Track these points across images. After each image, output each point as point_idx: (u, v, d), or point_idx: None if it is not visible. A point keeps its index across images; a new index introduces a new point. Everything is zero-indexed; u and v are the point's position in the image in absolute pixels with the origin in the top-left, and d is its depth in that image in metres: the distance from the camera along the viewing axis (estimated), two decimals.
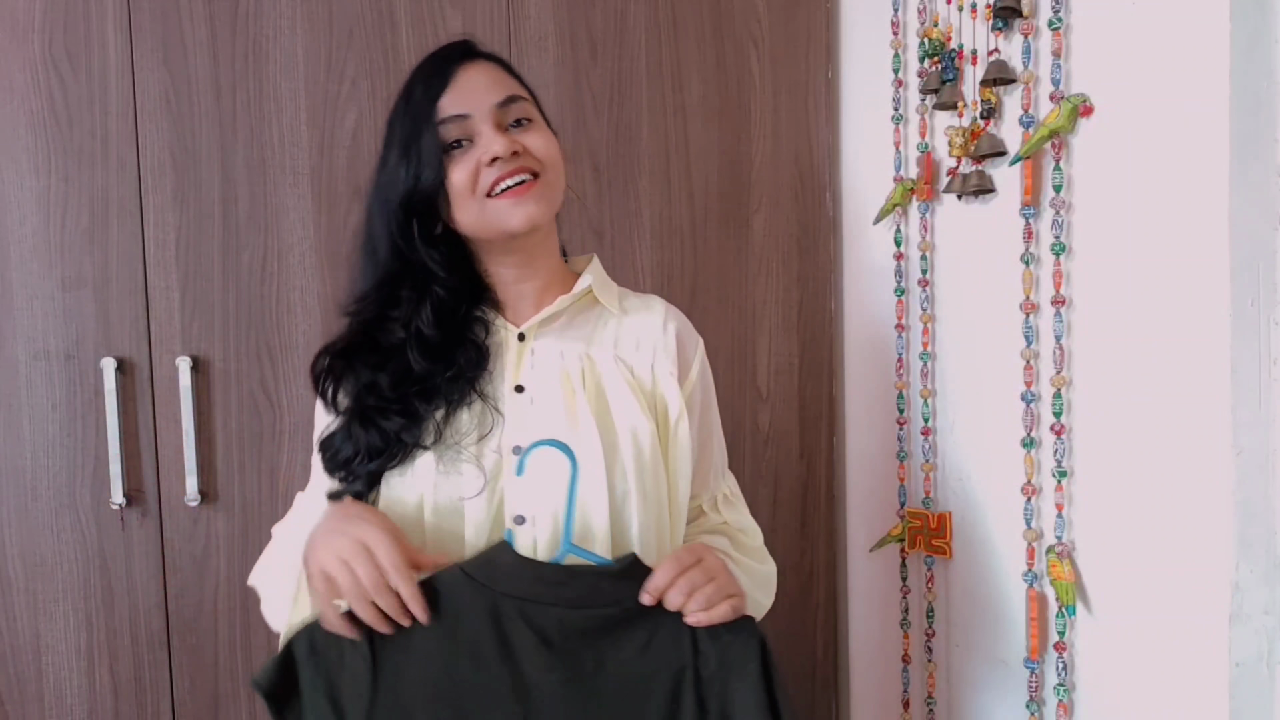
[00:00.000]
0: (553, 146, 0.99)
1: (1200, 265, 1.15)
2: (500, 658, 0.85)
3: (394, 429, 0.94)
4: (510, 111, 0.97)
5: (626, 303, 1.08)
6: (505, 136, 0.95)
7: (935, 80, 1.45)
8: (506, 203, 0.95)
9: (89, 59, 1.36)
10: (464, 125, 0.95)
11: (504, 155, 0.94)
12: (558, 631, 0.85)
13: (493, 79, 0.98)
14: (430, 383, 0.95)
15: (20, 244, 1.35)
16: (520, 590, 0.86)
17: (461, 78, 0.97)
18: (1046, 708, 1.36)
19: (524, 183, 0.95)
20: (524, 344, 1.01)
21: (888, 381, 1.62)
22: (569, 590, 0.86)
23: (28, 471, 1.36)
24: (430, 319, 0.97)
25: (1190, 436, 1.17)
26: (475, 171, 0.95)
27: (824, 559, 1.71)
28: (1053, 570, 1.32)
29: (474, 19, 1.49)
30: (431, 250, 0.98)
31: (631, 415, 0.98)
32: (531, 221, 0.96)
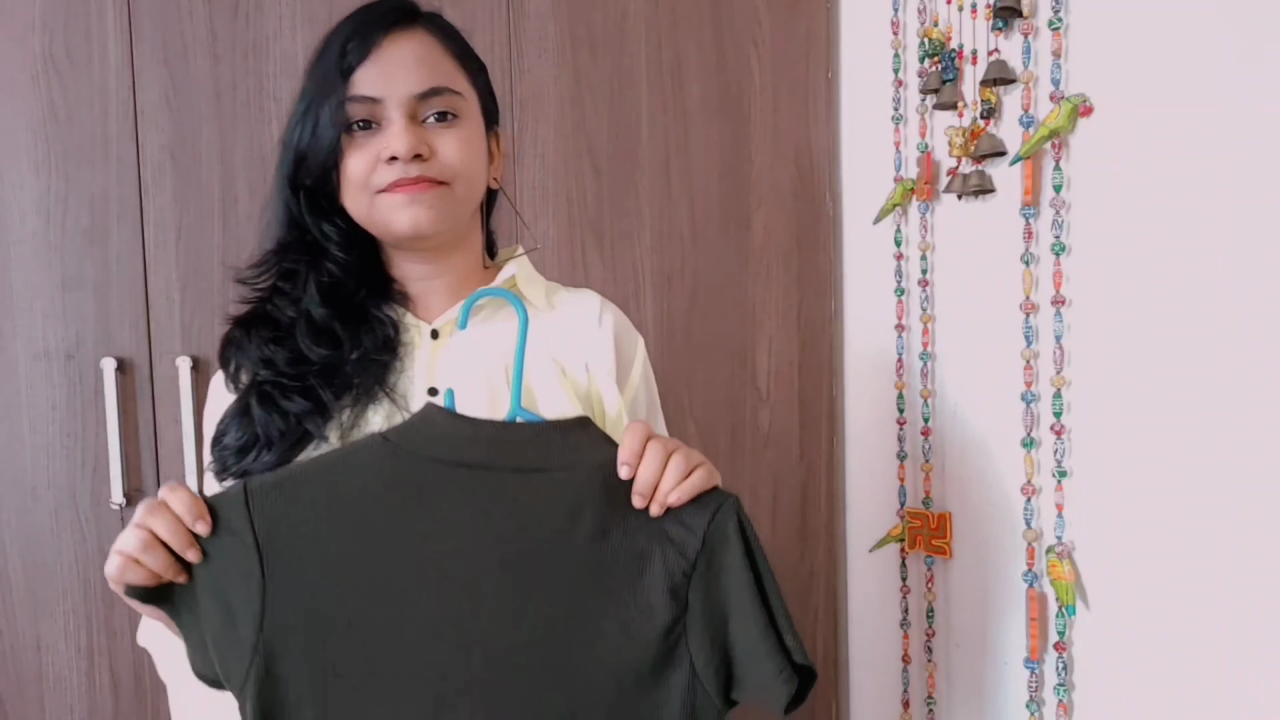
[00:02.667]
0: (471, 153, 0.88)
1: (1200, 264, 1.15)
2: (426, 535, 0.73)
3: (297, 411, 0.82)
4: (431, 104, 0.85)
5: (556, 297, 0.97)
6: (412, 134, 0.83)
7: (935, 80, 1.45)
8: (396, 199, 0.85)
9: (89, 59, 1.36)
10: (372, 108, 0.84)
11: (403, 157, 0.83)
12: (501, 501, 0.73)
13: (422, 59, 0.86)
14: (331, 364, 0.84)
15: (20, 244, 1.35)
16: (454, 454, 0.74)
17: (386, 50, 0.84)
18: (1046, 708, 1.36)
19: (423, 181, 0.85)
20: (437, 342, 0.90)
21: (888, 381, 1.62)
22: (514, 450, 0.74)
23: (28, 471, 1.36)
24: (316, 297, 0.86)
25: (1190, 436, 1.17)
26: (372, 164, 0.84)
27: (824, 559, 1.71)
28: (1053, 570, 1.32)
29: (474, 19, 1.49)
30: (324, 223, 0.88)
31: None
32: (418, 228, 0.85)
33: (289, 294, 0.88)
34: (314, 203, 0.88)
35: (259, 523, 0.72)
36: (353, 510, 0.73)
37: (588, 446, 0.76)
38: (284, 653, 0.71)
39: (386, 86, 0.84)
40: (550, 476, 0.74)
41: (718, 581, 0.74)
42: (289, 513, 0.72)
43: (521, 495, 0.74)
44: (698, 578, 0.74)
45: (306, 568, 0.72)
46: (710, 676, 0.73)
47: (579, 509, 0.74)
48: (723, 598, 0.74)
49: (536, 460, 0.74)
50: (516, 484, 0.74)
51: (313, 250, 0.89)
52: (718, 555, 0.74)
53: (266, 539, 0.71)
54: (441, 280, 0.93)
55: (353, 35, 0.85)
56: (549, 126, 1.53)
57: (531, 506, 0.74)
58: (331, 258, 0.88)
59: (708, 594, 0.74)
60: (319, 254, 0.89)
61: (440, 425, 0.75)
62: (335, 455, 0.76)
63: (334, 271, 0.88)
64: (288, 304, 0.87)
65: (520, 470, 0.74)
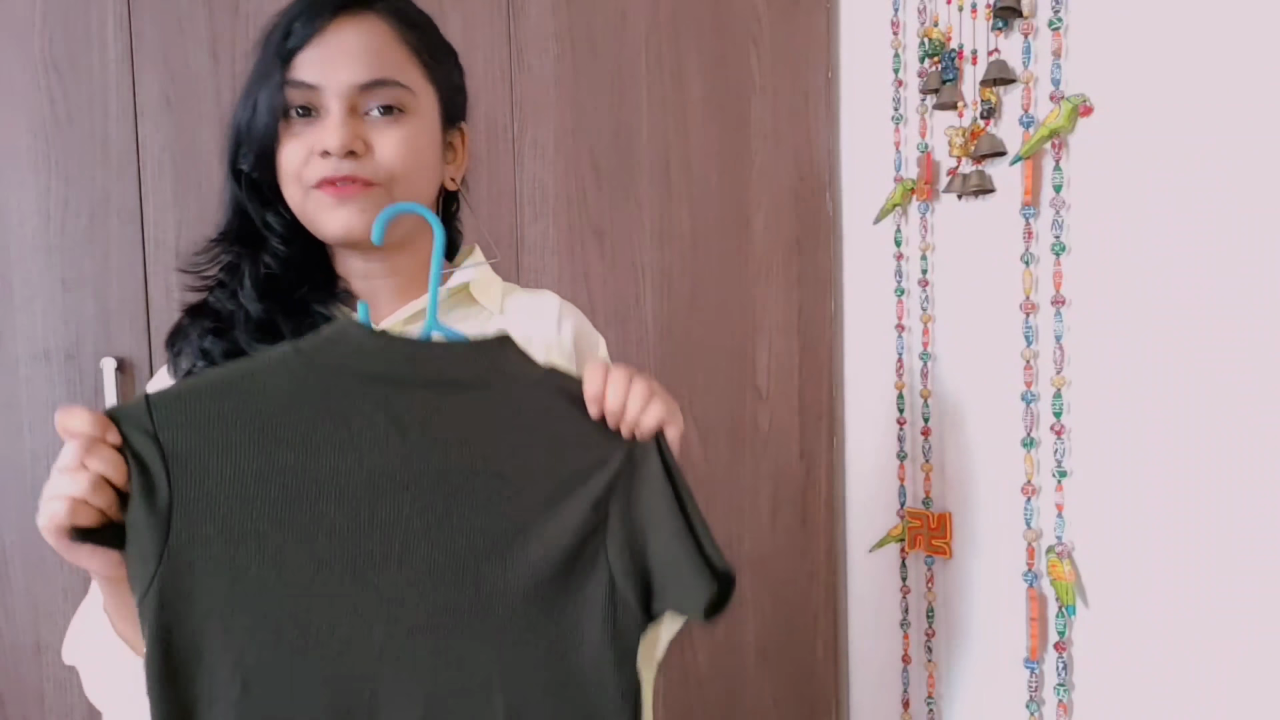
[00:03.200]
0: (414, 153, 0.82)
1: (1200, 264, 1.15)
2: (339, 447, 0.70)
3: None
4: (373, 96, 0.79)
5: (512, 300, 0.92)
6: (348, 128, 0.78)
7: (935, 80, 1.45)
8: (327, 199, 0.80)
9: (89, 60, 1.36)
10: (311, 95, 0.79)
11: (335, 153, 0.78)
12: (417, 417, 0.71)
13: (369, 47, 0.80)
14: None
15: (20, 244, 1.35)
16: (368, 367, 0.71)
17: (332, 35, 0.79)
18: (1046, 708, 1.36)
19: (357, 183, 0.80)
20: None
21: (888, 381, 1.62)
22: (430, 366, 0.72)
23: (28, 471, 1.36)
24: (253, 293, 0.81)
25: (1190, 435, 1.17)
26: (307, 156, 0.80)
27: (824, 559, 1.71)
28: (1052, 570, 1.32)
29: (474, 19, 1.49)
30: (267, 212, 0.83)
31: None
32: (349, 233, 0.80)
33: (228, 286, 0.83)
34: (256, 190, 0.84)
35: (164, 435, 0.68)
36: (262, 421, 0.70)
37: (507, 364, 0.74)
38: (189, 566, 0.68)
39: (326, 74, 0.79)
40: (467, 392, 0.73)
41: (638, 494, 0.73)
42: (195, 423, 0.69)
43: (438, 410, 0.72)
44: (618, 491, 0.73)
45: (213, 479, 0.68)
46: (630, 587, 0.72)
47: (496, 425, 0.73)
48: (642, 510, 0.73)
49: (453, 376, 0.73)
50: (432, 399, 0.72)
51: (254, 241, 0.84)
52: (639, 470, 0.73)
53: (172, 450, 0.68)
54: (389, 281, 0.87)
55: (299, 16, 0.80)
56: (549, 126, 1.53)
57: (448, 422, 0.72)
58: (271, 250, 0.84)
59: (627, 507, 0.73)
60: (259, 245, 0.84)
61: (354, 339, 0.72)
62: (243, 365, 0.73)
63: (271, 265, 0.83)
64: (227, 296, 0.83)
65: (435, 385, 0.72)
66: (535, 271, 1.52)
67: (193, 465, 0.68)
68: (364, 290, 0.87)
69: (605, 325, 1.54)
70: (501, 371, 0.74)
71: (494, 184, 1.49)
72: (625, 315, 1.57)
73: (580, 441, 0.74)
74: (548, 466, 0.73)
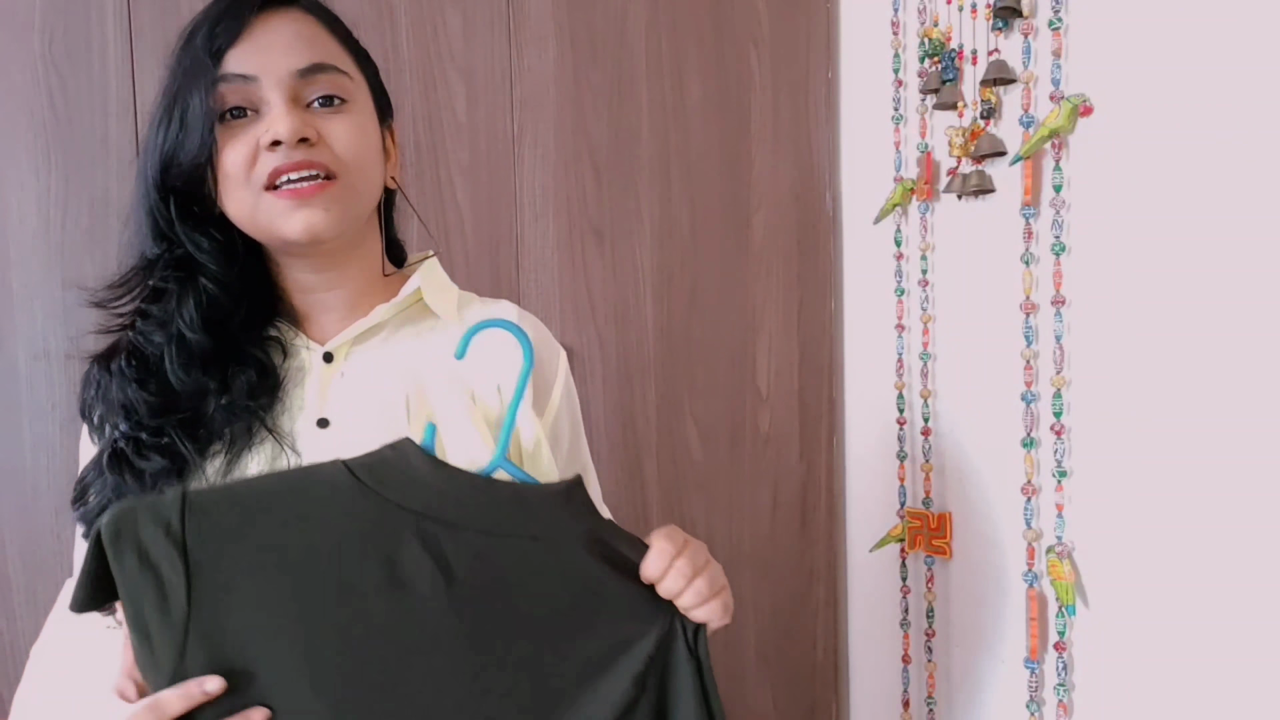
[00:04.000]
0: (365, 139, 0.78)
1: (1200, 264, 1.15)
2: (377, 587, 0.65)
3: (153, 471, 0.71)
4: (315, 84, 0.76)
5: (469, 311, 0.86)
6: (296, 115, 0.74)
7: (935, 80, 1.45)
8: (285, 203, 0.74)
9: (89, 59, 1.36)
10: (248, 90, 0.74)
11: (287, 141, 0.73)
12: (465, 565, 0.67)
13: (301, 36, 0.76)
14: (197, 411, 0.73)
15: (20, 244, 1.35)
16: (420, 504, 0.67)
17: (259, 29, 0.75)
18: (1046, 708, 1.36)
19: (314, 180, 0.75)
20: (331, 366, 0.79)
21: (888, 381, 1.62)
22: (488, 511, 0.68)
23: (28, 471, 1.36)
24: (194, 320, 0.75)
25: (1190, 435, 1.17)
26: (253, 154, 0.74)
27: (824, 559, 1.71)
28: (1053, 570, 1.32)
29: (474, 19, 1.49)
30: (196, 234, 0.77)
31: (472, 454, 0.76)
32: (313, 233, 0.75)
33: (156, 317, 0.77)
34: (185, 210, 0.77)
35: (192, 540, 0.64)
36: (303, 549, 0.66)
37: (566, 516, 0.71)
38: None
39: (263, 63, 0.74)
40: (520, 542, 0.69)
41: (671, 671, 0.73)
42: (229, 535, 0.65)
43: (487, 559, 0.68)
44: (655, 663, 0.73)
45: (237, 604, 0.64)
46: None
47: (545, 581, 0.70)
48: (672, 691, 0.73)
49: (511, 526, 0.69)
50: (483, 545, 0.68)
51: (184, 265, 0.78)
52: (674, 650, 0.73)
53: (196, 560, 0.64)
54: (336, 293, 0.83)
55: (221, 17, 0.75)
56: (549, 126, 1.53)
57: (496, 573, 0.69)
58: (208, 273, 0.77)
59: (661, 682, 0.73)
60: (192, 269, 0.77)
61: (415, 470, 0.69)
62: (293, 478, 0.69)
63: (210, 289, 0.77)
64: (154, 328, 0.76)
65: (489, 532, 0.69)
66: (535, 271, 1.52)
67: (218, 581, 0.64)
68: (310, 306, 0.83)
69: (605, 325, 1.54)
70: (558, 523, 0.71)
71: (494, 184, 1.50)
72: (625, 315, 1.57)
73: (628, 606, 0.72)
74: (592, 631, 0.71)
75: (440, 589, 0.67)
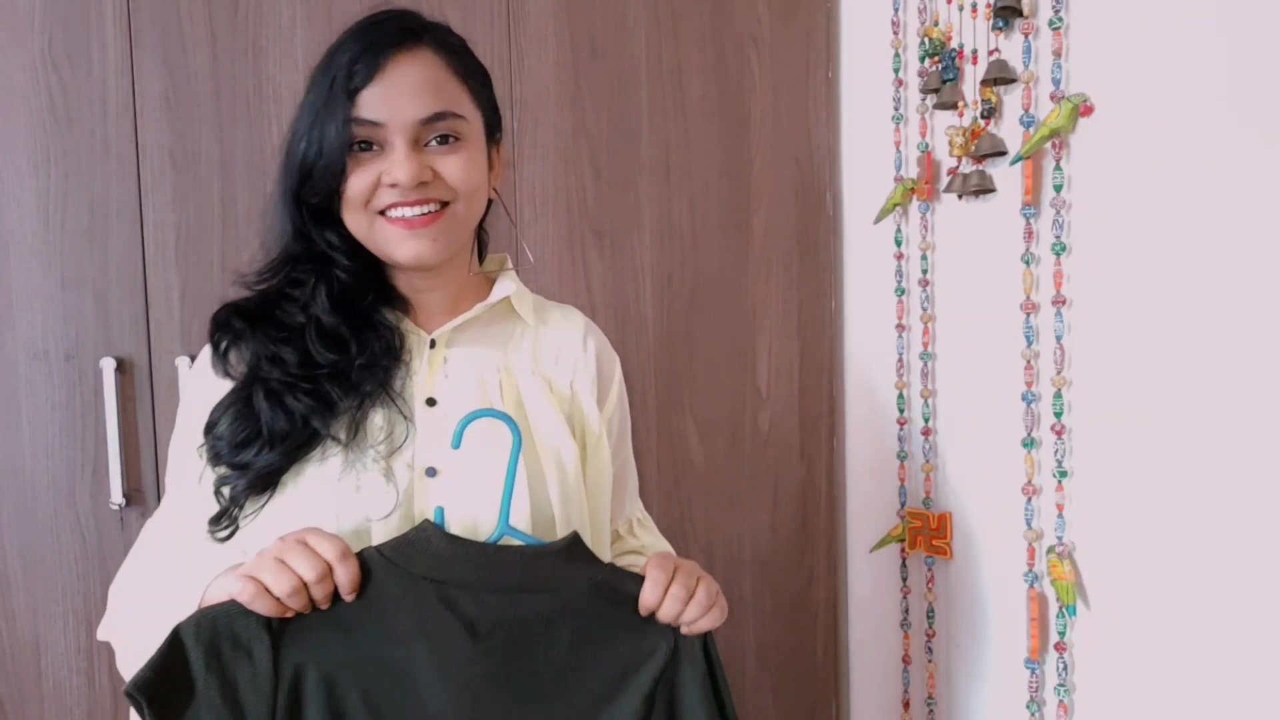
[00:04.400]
0: (475, 171, 0.89)
1: (1200, 264, 1.15)
2: (418, 648, 0.77)
3: (303, 410, 0.83)
4: (434, 129, 0.86)
5: (544, 314, 1.01)
6: (415, 161, 0.84)
7: (935, 80, 1.45)
8: (398, 231, 0.86)
9: (89, 59, 1.36)
10: (376, 131, 0.85)
11: (406, 184, 0.84)
12: (486, 621, 0.78)
13: (426, 81, 0.86)
14: (339, 367, 0.85)
15: (20, 244, 1.35)
16: (443, 574, 0.78)
17: (391, 72, 0.84)
18: (1047, 708, 1.36)
19: (425, 215, 0.86)
20: (435, 352, 0.92)
21: (888, 381, 1.62)
22: (500, 574, 0.79)
23: (28, 471, 1.36)
24: (327, 305, 0.88)
25: (1190, 436, 1.17)
26: (374, 185, 0.86)
27: (824, 559, 1.71)
28: (1053, 570, 1.32)
29: (474, 19, 1.49)
30: (327, 232, 0.90)
31: (556, 435, 0.91)
32: (420, 260, 0.88)
33: (296, 299, 0.89)
34: (315, 213, 0.89)
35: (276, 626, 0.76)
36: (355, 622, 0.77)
37: (571, 567, 0.82)
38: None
39: (391, 111, 0.84)
40: (534, 595, 0.80)
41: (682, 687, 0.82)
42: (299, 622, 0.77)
43: (506, 614, 0.79)
44: (663, 685, 0.82)
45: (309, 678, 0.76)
46: None
47: (558, 626, 0.81)
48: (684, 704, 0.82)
49: (522, 582, 0.80)
50: (501, 603, 0.79)
51: (320, 260, 0.90)
52: (684, 664, 0.83)
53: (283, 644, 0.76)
54: (438, 292, 0.95)
55: (360, 56, 0.85)
56: (549, 126, 1.52)
57: (514, 624, 0.79)
58: (340, 266, 0.90)
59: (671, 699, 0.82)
60: (327, 263, 0.90)
61: (435, 546, 0.79)
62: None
63: (343, 279, 0.89)
64: (296, 309, 0.89)
65: (505, 590, 0.80)
66: (535, 271, 1.52)
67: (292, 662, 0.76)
68: (415, 298, 0.94)
69: (605, 325, 1.54)
70: (565, 575, 0.81)
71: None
72: (625, 315, 1.57)
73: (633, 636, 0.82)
74: (603, 663, 0.81)
75: (467, 643, 0.78)
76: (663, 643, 0.82)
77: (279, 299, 0.90)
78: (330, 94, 0.85)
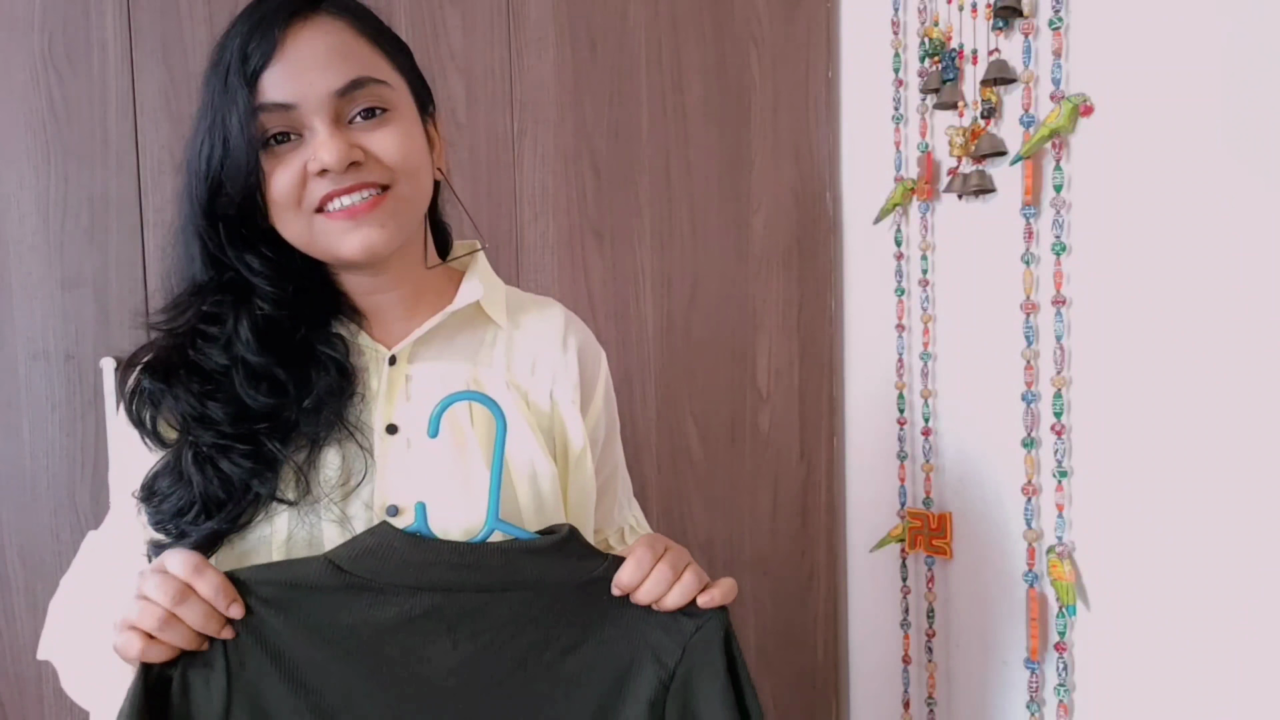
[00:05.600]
0: (410, 145, 0.77)
1: (1200, 264, 1.15)
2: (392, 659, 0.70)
3: (241, 476, 0.72)
4: (355, 100, 0.75)
5: (518, 315, 0.89)
6: (340, 140, 0.73)
7: (935, 80, 1.45)
8: (339, 224, 0.75)
9: (89, 59, 1.36)
10: (288, 117, 0.73)
11: (334, 168, 0.73)
12: (467, 624, 0.70)
13: (335, 49, 0.74)
14: (279, 416, 0.74)
15: (20, 244, 1.35)
16: (411, 579, 0.70)
17: (291, 47, 0.73)
18: (1047, 708, 1.36)
19: (366, 200, 0.75)
20: (396, 370, 0.81)
21: (888, 381, 1.62)
22: (480, 572, 0.71)
23: (28, 471, 1.36)
24: (252, 342, 0.75)
25: (1191, 436, 1.17)
26: (300, 179, 0.74)
27: (824, 559, 1.71)
28: (1053, 570, 1.32)
29: (474, 19, 1.49)
30: (248, 255, 0.77)
31: (529, 455, 0.81)
32: (370, 250, 0.76)
33: (216, 339, 0.77)
34: (233, 233, 0.77)
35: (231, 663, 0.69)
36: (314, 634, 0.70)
37: (560, 563, 0.74)
38: None
39: (300, 89, 0.73)
40: (519, 593, 0.72)
41: (696, 695, 0.74)
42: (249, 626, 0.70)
43: (488, 615, 0.71)
44: (676, 689, 0.74)
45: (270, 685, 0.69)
46: None
47: (550, 626, 0.73)
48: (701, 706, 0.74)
49: (503, 580, 0.72)
50: (482, 603, 0.71)
51: (234, 289, 0.78)
52: (698, 668, 0.74)
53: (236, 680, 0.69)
54: (394, 294, 0.84)
55: (251, 34, 0.74)
56: (549, 126, 1.53)
57: (499, 626, 0.72)
58: (261, 294, 0.77)
59: (685, 706, 0.74)
60: (244, 292, 0.77)
61: (399, 553, 0.70)
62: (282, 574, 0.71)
63: (266, 310, 0.77)
64: (216, 350, 0.76)
65: (486, 589, 0.71)
66: (535, 271, 1.52)
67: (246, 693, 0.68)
68: (370, 307, 0.83)
69: (605, 325, 1.54)
70: (553, 571, 0.73)
71: (494, 184, 1.49)
72: (625, 315, 1.57)
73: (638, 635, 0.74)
74: (599, 666, 0.73)
75: (446, 648, 0.70)
76: (673, 644, 0.74)
77: (192, 339, 0.77)
78: (226, 85, 0.73)
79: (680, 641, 0.74)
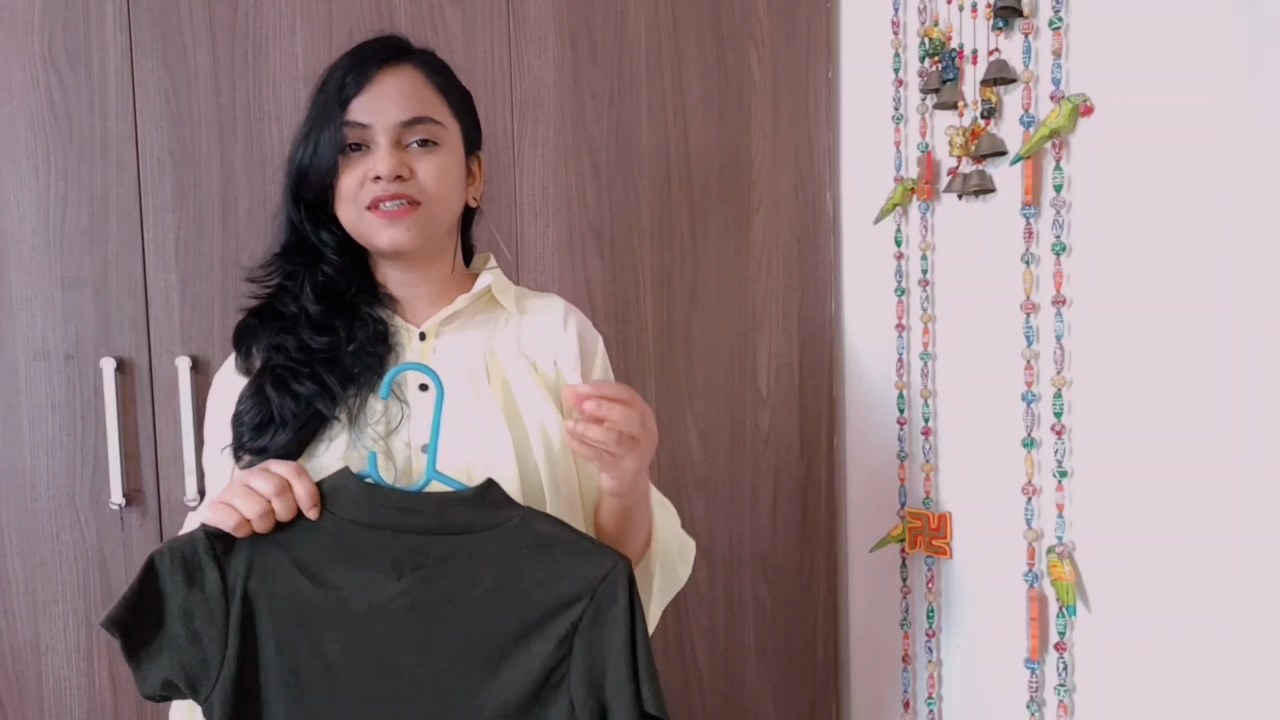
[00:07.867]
0: (447, 176, 0.99)
1: (1200, 264, 1.15)
2: (349, 580, 0.85)
3: (307, 394, 0.94)
4: (414, 131, 0.97)
5: (525, 303, 1.09)
6: (395, 157, 0.95)
7: (935, 80, 1.45)
8: (379, 221, 0.97)
9: (89, 59, 1.36)
10: (364, 133, 0.96)
11: (386, 176, 0.95)
12: (409, 560, 0.86)
13: (408, 91, 0.98)
14: (333, 353, 0.96)
15: (20, 244, 1.35)
16: (368, 517, 0.86)
17: (378, 84, 0.97)
18: (1047, 708, 1.36)
19: (400, 208, 0.96)
20: (425, 343, 1.02)
21: (888, 381, 1.62)
22: (416, 517, 0.86)
23: (28, 471, 1.36)
24: (311, 296, 0.98)
25: (1190, 436, 1.17)
26: (361, 181, 0.96)
27: (824, 559, 1.71)
28: (1053, 570, 1.32)
29: (474, 19, 1.49)
30: (321, 230, 1.01)
31: (539, 410, 0.99)
32: (396, 246, 0.97)
33: (291, 291, 1.00)
34: (312, 213, 1.00)
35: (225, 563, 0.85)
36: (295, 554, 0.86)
37: (489, 510, 0.88)
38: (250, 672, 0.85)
39: (376, 114, 0.96)
40: (454, 536, 0.87)
41: (601, 634, 0.86)
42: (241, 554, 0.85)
43: (428, 553, 0.86)
44: (583, 629, 0.86)
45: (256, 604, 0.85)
46: (586, 716, 0.85)
47: (477, 569, 0.86)
48: (603, 649, 0.86)
49: (437, 524, 0.87)
50: (423, 543, 0.86)
51: (311, 254, 1.01)
52: (604, 612, 0.86)
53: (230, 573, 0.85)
54: (422, 288, 1.04)
55: (350, 69, 0.97)
56: (549, 126, 1.53)
57: (434, 564, 0.86)
58: (327, 261, 1.00)
59: (590, 644, 0.86)
60: (316, 258, 1.01)
61: (351, 493, 0.87)
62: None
63: (328, 273, 1.00)
64: (290, 300, 0.99)
65: (426, 531, 0.87)
66: (535, 271, 1.52)
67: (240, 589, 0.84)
68: (403, 296, 1.03)
69: (605, 325, 1.54)
70: (484, 517, 0.88)
71: (494, 184, 1.49)
72: (625, 315, 1.57)
73: (551, 581, 0.87)
74: (521, 602, 0.86)
75: (391, 578, 0.85)
76: (584, 592, 0.86)
77: (277, 291, 1.01)
78: (325, 104, 0.97)
79: (588, 589, 0.87)
